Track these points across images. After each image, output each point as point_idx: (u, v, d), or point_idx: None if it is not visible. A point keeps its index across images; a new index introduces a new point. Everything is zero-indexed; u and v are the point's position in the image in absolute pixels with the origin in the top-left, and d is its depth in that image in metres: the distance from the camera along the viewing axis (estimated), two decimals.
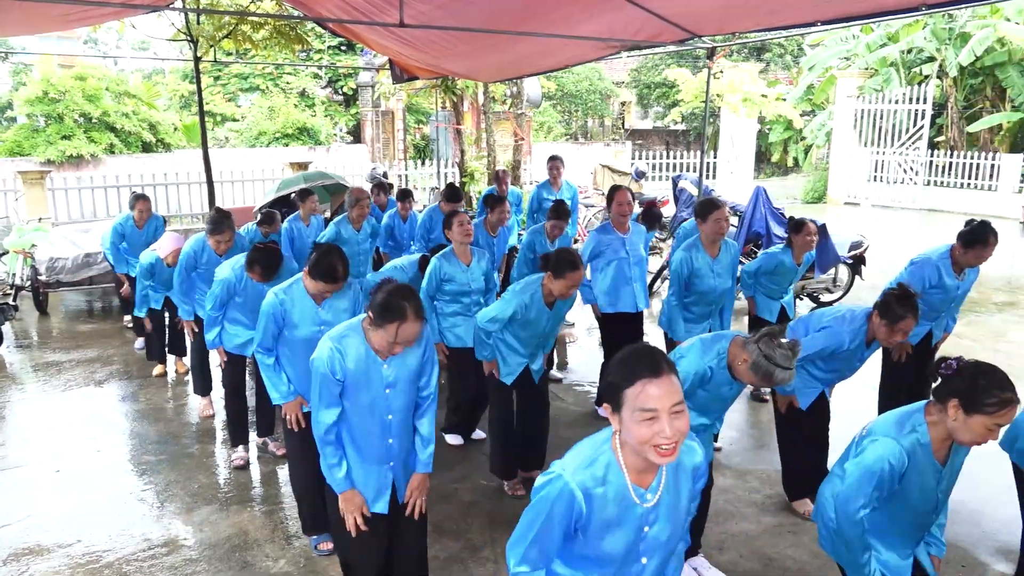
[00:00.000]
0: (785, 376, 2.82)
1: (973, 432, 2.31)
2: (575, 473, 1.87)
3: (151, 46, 27.78)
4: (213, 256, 5.24)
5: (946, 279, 4.52)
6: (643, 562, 1.97)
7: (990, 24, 16.64)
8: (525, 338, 4.23)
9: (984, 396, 2.26)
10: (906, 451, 2.41)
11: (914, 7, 4.67)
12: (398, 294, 2.68)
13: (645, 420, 1.75)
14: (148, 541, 3.98)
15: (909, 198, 17.54)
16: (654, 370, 1.77)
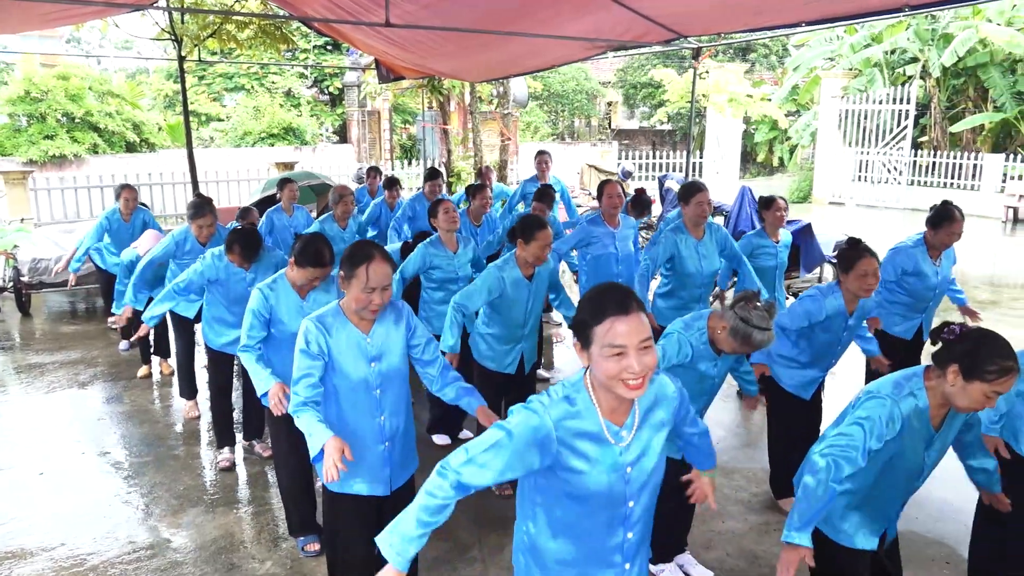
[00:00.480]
0: (763, 338, 2.87)
1: (971, 398, 2.31)
2: (550, 407, 1.92)
3: (135, 45, 27.57)
4: (196, 245, 5.21)
5: (923, 266, 4.58)
6: (630, 505, 2.01)
7: (972, 25, 16.81)
8: (508, 322, 4.21)
9: (985, 363, 2.26)
10: (902, 415, 2.40)
11: (897, 8, 4.72)
12: (360, 244, 2.78)
13: (613, 356, 1.81)
14: (133, 544, 3.95)
15: (893, 198, 17.68)
16: (623, 307, 1.81)
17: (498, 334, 4.27)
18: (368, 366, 2.84)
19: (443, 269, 4.81)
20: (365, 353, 2.83)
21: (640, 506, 2.03)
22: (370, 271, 2.67)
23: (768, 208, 5.48)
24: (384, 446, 2.93)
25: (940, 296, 4.74)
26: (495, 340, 4.28)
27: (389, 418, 2.92)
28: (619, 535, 2.03)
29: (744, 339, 2.91)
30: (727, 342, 3.00)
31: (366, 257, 2.69)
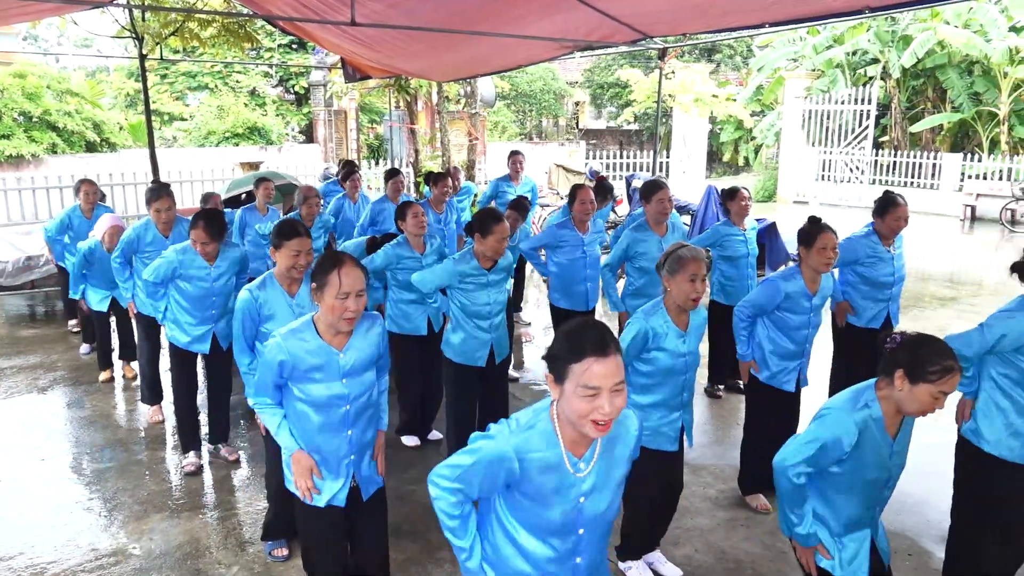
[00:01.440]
0: (689, 252, 3.17)
1: (920, 401, 2.39)
2: (512, 435, 1.98)
3: (94, 43, 27.07)
4: (158, 237, 5.15)
5: (878, 250, 4.71)
6: (580, 532, 2.07)
7: (930, 27, 17.16)
8: (474, 315, 4.25)
9: (927, 365, 2.35)
10: (858, 426, 2.48)
11: (858, 10, 4.80)
12: (328, 253, 2.78)
13: (587, 396, 1.85)
14: (95, 551, 3.88)
15: (855, 196, 17.98)
16: (602, 349, 1.85)
17: (464, 327, 4.29)
18: (340, 383, 2.81)
19: (410, 269, 4.80)
20: (338, 370, 2.80)
21: (591, 534, 2.09)
22: (342, 275, 2.64)
23: (732, 199, 5.57)
24: (350, 459, 2.92)
25: (901, 281, 4.83)
26: (462, 333, 4.30)
27: (356, 431, 2.91)
28: (569, 560, 2.10)
29: (675, 264, 3.15)
30: (675, 288, 3.18)
31: (336, 262, 2.67)
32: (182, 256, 4.39)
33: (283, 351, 2.73)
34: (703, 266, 3.19)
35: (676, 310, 3.27)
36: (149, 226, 5.17)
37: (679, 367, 3.31)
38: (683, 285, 3.17)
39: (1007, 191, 15.46)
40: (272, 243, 3.50)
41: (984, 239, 14.26)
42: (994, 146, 17.73)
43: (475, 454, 2.00)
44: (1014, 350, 3.06)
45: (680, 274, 3.16)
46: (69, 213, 6.72)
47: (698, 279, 3.17)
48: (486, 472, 1.99)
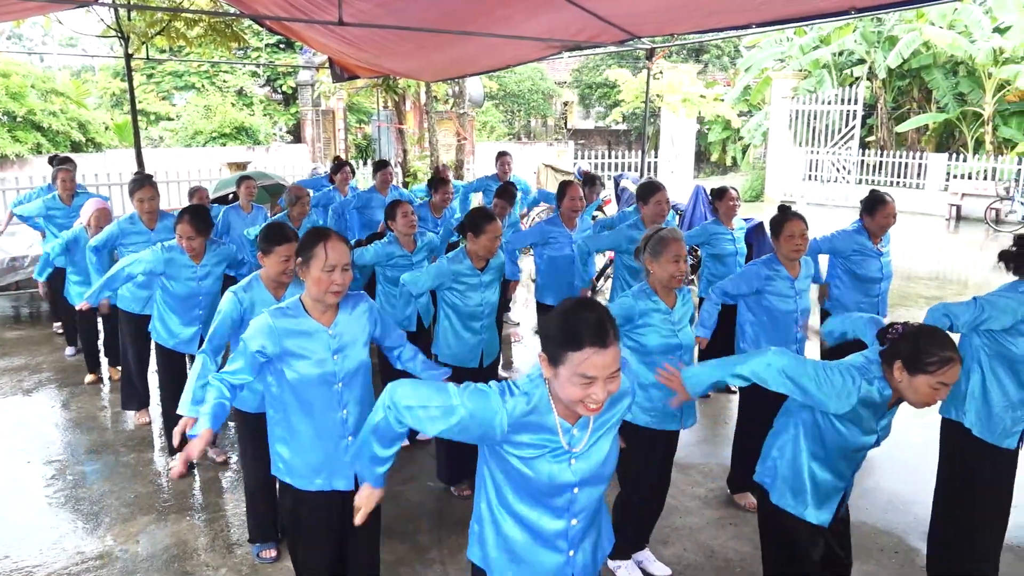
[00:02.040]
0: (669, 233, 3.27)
1: (919, 392, 2.42)
2: (511, 401, 1.96)
3: (79, 42, 26.87)
4: (144, 230, 5.11)
5: (865, 247, 4.76)
6: (575, 492, 2.05)
7: (916, 28, 17.28)
8: (464, 315, 4.22)
9: (925, 356, 2.37)
10: (860, 398, 2.50)
11: (844, 10, 4.82)
12: (312, 228, 2.76)
13: (583, 384, 1.84)
14: (81, 554, 3.85)
15: (842, 196, 18.08)
16: (602, 339, 1.83)
17: (456, 328, 4.27)
18: (331, 359, 2.79)
19: (400, 267, 4.79)
20: (327, 346, 2.78)
21: (585, 494, 2.06)
22: (328, 248, 2.65)
23: (721, 199, 5.62)
24: (347, 440, 2.88)
25: (888, 279, 4.87)
26: (453, 334, 4.28)
27: (352, 412, 2.87)
28: (563, 521, 2.07)
29: (658, 245, 3.22)
30: (659, 269, 3.24)
31: (321, 235, 2.69)
32: (168, 254, 4.34)
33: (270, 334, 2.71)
34: (684, 246, 3.27)
35: (663, 291, 3.33)
36: (134, 219, 5.11)
37: (674, 343, 3.34)
38: (667, 266, 3.24)
39: (991, 191, 15.59)
40: (260, 248, 3.46)
41: (969, 238, 14.37)
42: (979, 146, 17.87)
43: (461, 405, 1.95)
44: (1004, 331, 3.11)
45: (664, 255, 3.23)
46: (47, 203, 6.53)
47: (681, 259, 3.24)
48: (464, 425, 1.96)
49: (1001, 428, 3.22)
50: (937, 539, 3.46)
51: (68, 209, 6.49)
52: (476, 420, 1.95)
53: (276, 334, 2.71)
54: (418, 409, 2.01)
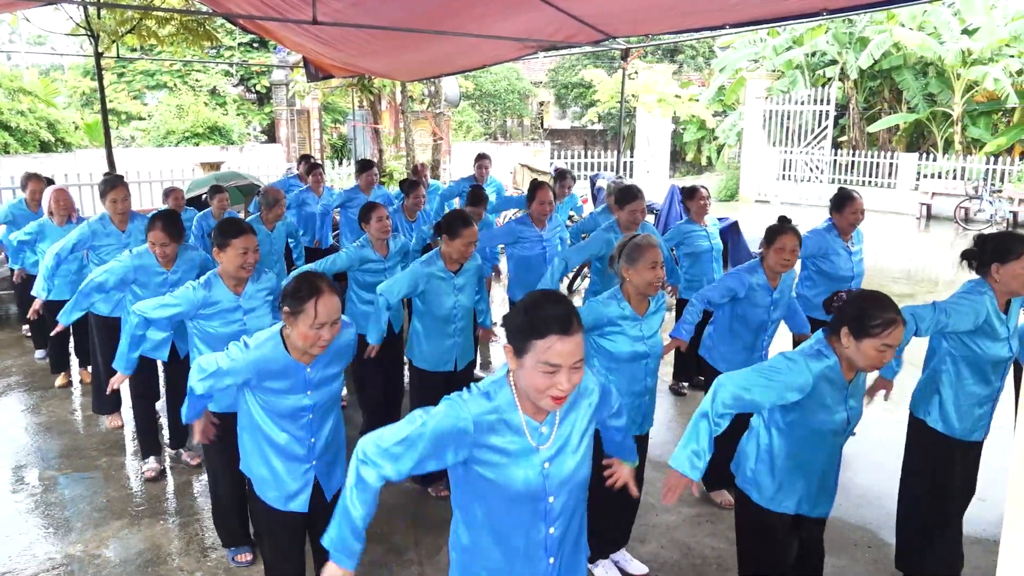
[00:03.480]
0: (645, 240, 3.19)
1: (867, 356, 2.48)
2: (470, 403, 1.96)
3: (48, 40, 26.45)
4: (115, 232, 5.00)
5: (838, 246, 4.83)
6: (550, 501, 2.02)
7: (886, 30, 17.51)
8: (437, 319, 4.20)
9: (869, 320, 2.44)
10: (812, 373, 2.55)
11: (816, 11, 4.87)
12: (304, 276, 2.64)
13: (547, 372, 1.85)
14: (52, 560, 3.79)
15: (816, 195, 18.27)
16: (566, 327, 1.85)
17: (429, 332, 4.25)
18: (304, 395, 2.77)
19: (373, 272, 4.77)
20: (305, 384, 2.76)
21: (560, 502, 2.04)
22: (319, 306, 2.55)
23: (691, 198, 5.67)
24: (311, 464, 2.90)
25: (860, 277, 4.93)
26: (427, 338, 4.26)
27: (319, 438, 2.89)
28: (540, 531, 2.04)
29: (634, 252, 3.15)
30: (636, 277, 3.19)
31: (313, 291, 2.56)
32: (138, 261, 4.19)
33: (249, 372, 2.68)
34: (660, 252, 3.22)
35: (637, 298, 3.28)
36: (105, 220, 5.02)
37: (641, 351, 3.32)
38: (645, 273, 3.18)
39: (961, 190, 15.85)
40: (216, 243, 3.42)
41: (939, 237, 14.59)
42: (948, 146, 18.15)
43: (423, 425, 1.94)
44: (969, 333, 3.16)
45: (640, 262, 3.17)
46: (13, 207, 6.44)
47: (658, 265, 3.20)
48: (433, 444, 1.93)
49: (967, 425, 3.28)
50: (906, 534, 3.51)
51: (33, 216, 6.26)
52: (443, 432, 1.92)
53: (255, 370, 2.69)
54: (391, 447, 1.98)
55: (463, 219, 4.06)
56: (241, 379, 2.70)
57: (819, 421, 2.63)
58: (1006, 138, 16.98)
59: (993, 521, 4.09)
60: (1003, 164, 16.24)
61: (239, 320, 3.56)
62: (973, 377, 3.23)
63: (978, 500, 4.16)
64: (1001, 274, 3.09)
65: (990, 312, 3.12)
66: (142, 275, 4.22)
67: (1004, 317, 3.17)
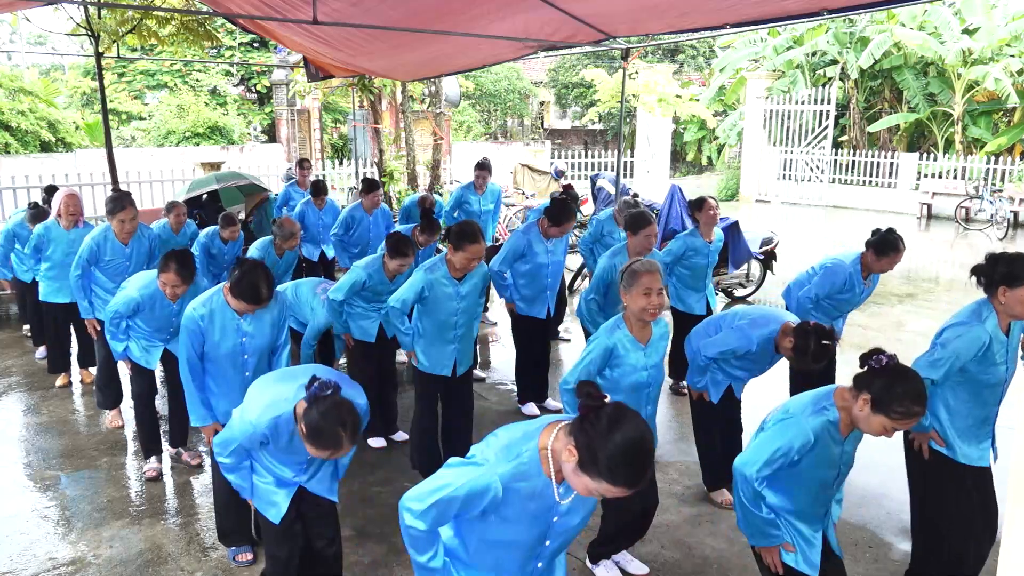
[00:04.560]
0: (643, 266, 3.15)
1: (871, 427, 2.46)
2: (498, 465, 1.94)
3: (48, 40, 26.46)
4: (118, 247, 5.03)
5: (856, 285, 4.66)
6: (546, 544, 2.10)
7: (887, 29, 17.49)
8: (438, 324, 4.21)
9: (895, 403, 2.39)
10: (814, 432, 2.53)
11: (816, 11, 4.86)
12: (331, 419, 2.49)
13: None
14: (53, 560, 3.79)
15: (816, 195, 18.28)
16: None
17: (430, 335, 4.25)
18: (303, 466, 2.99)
19: (376, 292, 4.82)
20: (305, 464, 2.99)
21: (555, 545, 2.13)
22: (336, 453, 2.59)
23: (700, 209, 5.59)
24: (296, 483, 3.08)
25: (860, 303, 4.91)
26: (427, 342, 4.26)
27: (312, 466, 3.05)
28: (530, 565, 2.15)
29: (631, 278, 3.15)
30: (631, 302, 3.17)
31: (334, 443, 2.51)
32: (147, 292, 4.23)
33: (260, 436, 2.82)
34: (659, 278, 3.16)
35: (637, 324, 3.25)
36: (108, 235, 5.02)
37: (642, 381, 3.31)
38: (639, 299, 3.15)
39: (961, 190, 15.84)
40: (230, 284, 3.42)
41: (940, 237, 14.59)
42: (949, 146, 18.14)
43: (457, 486, 1.95)
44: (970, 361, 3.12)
45: (635, 288, 3.14)
46: (17, 226, 6.42)
47: (653, 292, 3.13)
48: (466, 503, 1.96)
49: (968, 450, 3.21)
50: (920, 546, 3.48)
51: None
52: (473, 495, 1.94)
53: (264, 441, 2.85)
54: (426, 509, 1.99)
55: (471, 235, 3.99)
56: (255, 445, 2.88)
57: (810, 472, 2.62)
58: (1007, 138, 16.97)
59: None
60: (1004, 164, 16.23)
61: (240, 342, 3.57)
62: (970, 400, 3.18)
63: None
64: (1007, 298, 3.02)
65: (991, 338, 3.07)
66: (148, 305, 4.27)
67: (1005, 339, 3.12)
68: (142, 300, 4.23)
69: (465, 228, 4.06)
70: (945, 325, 3.23)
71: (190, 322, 3.47)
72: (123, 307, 4.25)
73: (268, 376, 3.07)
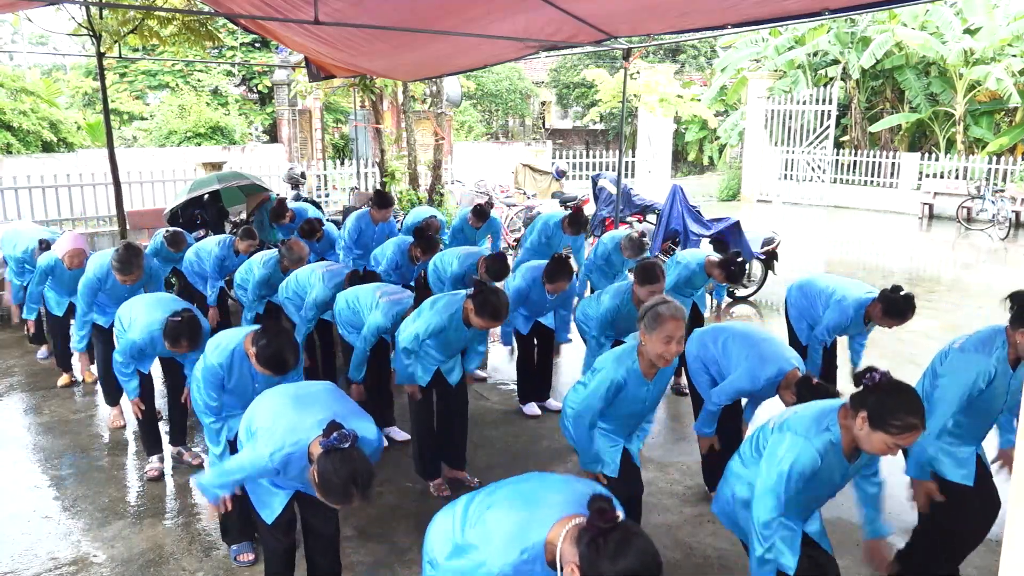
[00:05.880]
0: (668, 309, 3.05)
1: (873, 445, 2.45)
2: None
3: (50, 40, 26.48)
4: (116, 283, 5.03)
5: (849, 328, 4.69)
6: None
7: (888, 29, 17.48)
8: (441, 349, 4.24)
9: (891, 417, 2.38)
10: (819, 453, 2.52)
11: (817, 11, 4.86)
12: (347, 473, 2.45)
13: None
14: (55, 560, 3.79)
15: (817, 195, 18.26)
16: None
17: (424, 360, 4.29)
18: None
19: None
20: None
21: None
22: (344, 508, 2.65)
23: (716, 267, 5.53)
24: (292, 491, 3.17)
25: None
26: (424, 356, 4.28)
27: None
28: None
29: (653, 321, 3.05)
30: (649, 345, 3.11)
31: (344, 499, 2.51)
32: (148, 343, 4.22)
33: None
34: (682, 325, 3.07)
35: (647, 363, 3.20)
36: (111, 273, 5.01)
37: (640, 410, 3.36)
38: (658, 344, 3.06)
39: (963, 190, 15.82)
40: (255, 351, 3.33)
41: (941, 237, 14.57)
42: (950, 146, 18.12)
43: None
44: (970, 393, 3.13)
45: (656, 332, 3.05)
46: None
47: (674, 340, 3.05)
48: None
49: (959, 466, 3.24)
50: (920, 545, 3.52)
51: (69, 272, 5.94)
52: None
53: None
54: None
55: (494, 311, 3.85)
56: None
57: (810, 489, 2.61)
58: (1008, 138, 16.95)
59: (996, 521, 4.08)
60: (1005, 164, 16.21)
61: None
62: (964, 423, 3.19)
63: None
64: (1022, 338, 3.01)
65: (996, 372, 3.07)
66: (151, 346, 4.26)
67: (1012, 372, 3.10)
68: (144, 345, 4.24)
69: (494, 300, 3.86)
70: (951, 345, 3.19)
71: (211, 374, 3.43)
72: (127, 353, 4.26)
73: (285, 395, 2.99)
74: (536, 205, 12.21)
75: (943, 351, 3.28)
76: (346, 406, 2.92)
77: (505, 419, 5.54)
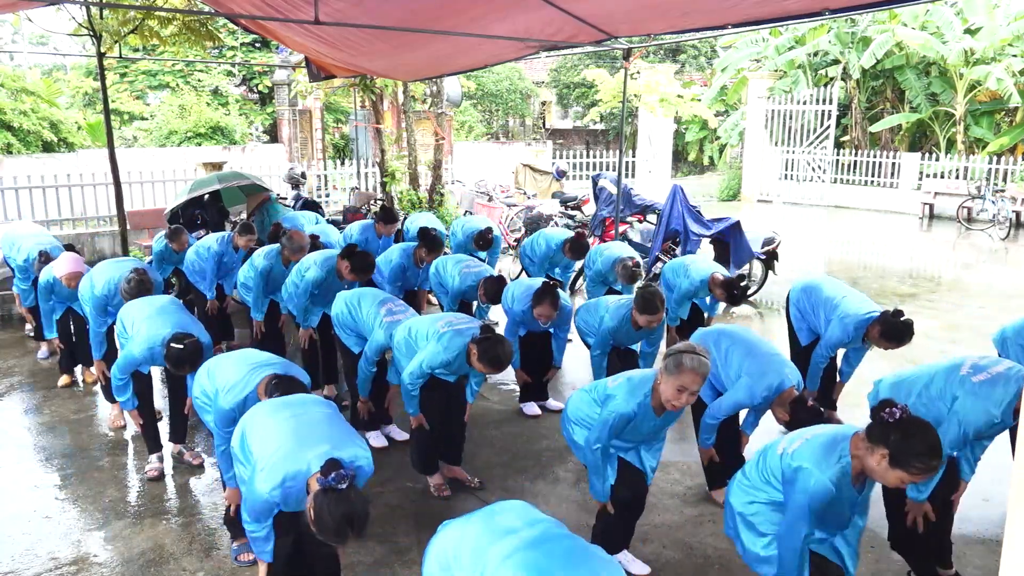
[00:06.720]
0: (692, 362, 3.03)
1: (888, 480, 2.45)
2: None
3: (51, 41, 26.49)
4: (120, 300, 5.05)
5: (852, 343, 4.73)
6: None
7: (888, 29, 17.47)
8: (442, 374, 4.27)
9: (913, 459, 2.37)
10: (834, 483, 2.52)
11: (818, 11, 4.86)
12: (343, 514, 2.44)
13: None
14: (55, 560, 3.79)
15: (817, 195, 18.26)
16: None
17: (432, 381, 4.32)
18: None
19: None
20: None
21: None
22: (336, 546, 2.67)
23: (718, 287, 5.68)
24: None
25: None
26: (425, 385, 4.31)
27: None
28: None
29: (675, 366, 3.04)
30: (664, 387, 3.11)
31: (339, 539, 2.52)
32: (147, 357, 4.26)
33: None
34: (700, 381, 3.06)
35: (659, 400, 3.21)
36: (115, 293, 5.06)
37: (647, 434, 3.41)
38: (671, 391, 3.08)
39: (963, 190, 15.81)
40: None
41: (942, 237, 14.57)
42: (951, 146, 18.11)
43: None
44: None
45: (673, 379, 3.06)
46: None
47: (687, 392, 3.05)
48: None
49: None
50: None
51: None
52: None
53: None
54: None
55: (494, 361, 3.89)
56: None
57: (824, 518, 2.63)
58: (1009, 138, 16.94)
59: (996, 521, 4.09)
60: (1006, 164, 16.21)
61: None
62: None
63: (981, 500, 4.18)
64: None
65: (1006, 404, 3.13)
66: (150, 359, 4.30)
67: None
68: (143, 360, 4.28)
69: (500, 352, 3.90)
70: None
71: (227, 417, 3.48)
72: (126, 369, 4.30)
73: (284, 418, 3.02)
74: (536, 205, 12.20)
75: None
76: (343, 432, 2.96)
77: (505, 419, 5.54)
